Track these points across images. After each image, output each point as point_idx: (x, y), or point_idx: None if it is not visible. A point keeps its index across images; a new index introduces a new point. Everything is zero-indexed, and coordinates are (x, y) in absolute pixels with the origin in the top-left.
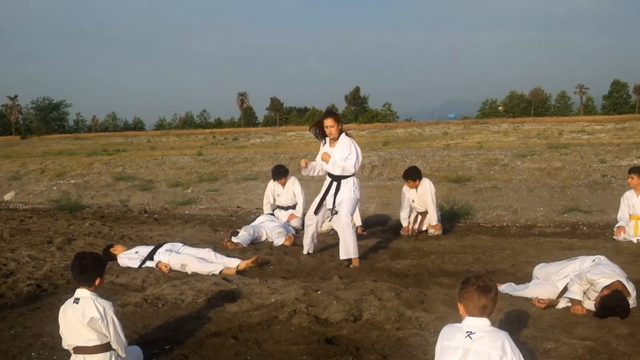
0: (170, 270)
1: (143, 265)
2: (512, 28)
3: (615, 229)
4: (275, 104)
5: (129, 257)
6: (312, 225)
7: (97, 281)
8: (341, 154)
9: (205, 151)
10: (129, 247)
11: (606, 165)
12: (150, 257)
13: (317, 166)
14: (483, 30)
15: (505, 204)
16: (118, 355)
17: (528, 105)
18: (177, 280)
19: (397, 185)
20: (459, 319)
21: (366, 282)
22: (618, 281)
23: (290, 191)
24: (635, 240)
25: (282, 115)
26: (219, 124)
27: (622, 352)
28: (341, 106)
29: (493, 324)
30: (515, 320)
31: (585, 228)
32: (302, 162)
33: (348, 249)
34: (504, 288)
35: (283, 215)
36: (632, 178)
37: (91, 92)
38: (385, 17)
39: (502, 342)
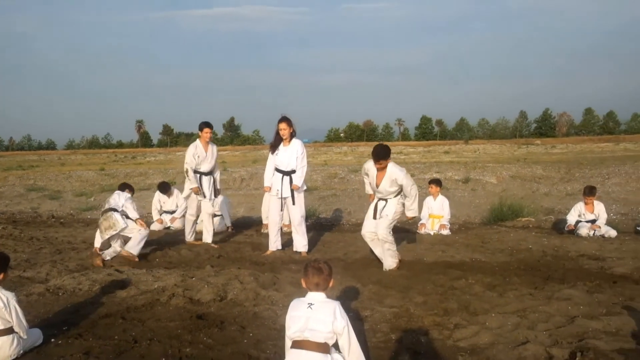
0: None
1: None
2: (351, 73)
3: (419, 225)
4: (167, 130)
5: (134, 208)
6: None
7: (1, 276)
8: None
9: (107, 167)
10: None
11: (415, 178)
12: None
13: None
14: (328, 74)
15: (342, 207)
16: (20, 337)
17: (362, 133)
18: (76, 273)
19: (261, 194)
20: (302, 296)
21: (232, 269)
22: None
23: (174, 200)
24: (432, 233)
25: (172, 138)
26: (120, 145)
27: (418, 315)
28: (220, 132)
29: (329, 297)
30: (343, 295)
31: (399, 225)
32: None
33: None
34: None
35: (168, 218)
36: (431, 187)
37: (8, 116)
38: (253, 62)
39: (333, 310)
